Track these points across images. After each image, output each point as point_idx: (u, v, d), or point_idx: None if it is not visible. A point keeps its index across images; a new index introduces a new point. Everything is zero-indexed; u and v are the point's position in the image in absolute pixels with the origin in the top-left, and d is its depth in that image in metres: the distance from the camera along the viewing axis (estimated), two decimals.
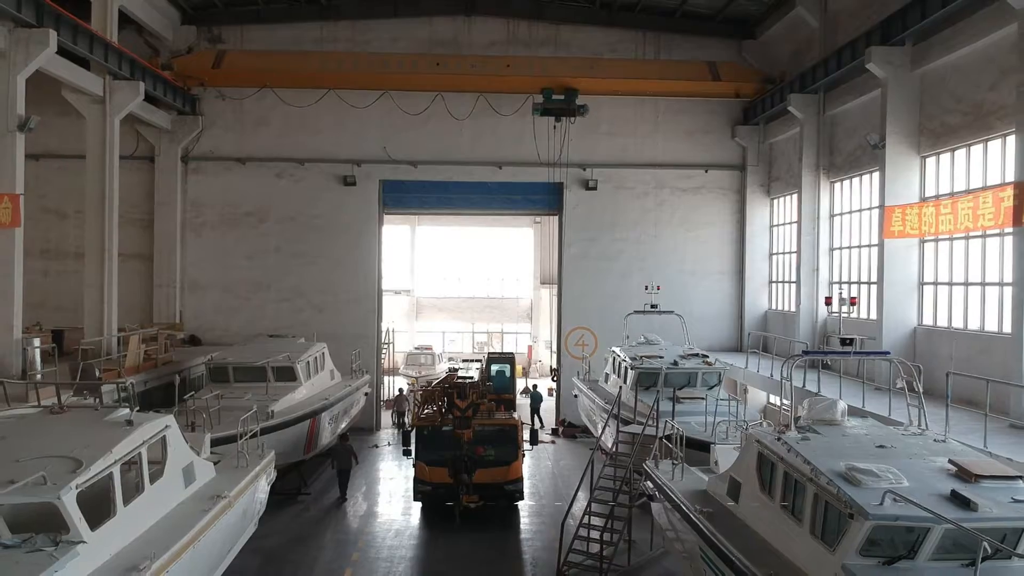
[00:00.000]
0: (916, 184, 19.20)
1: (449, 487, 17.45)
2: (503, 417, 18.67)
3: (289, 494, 19.67)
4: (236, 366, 20.26)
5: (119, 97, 23.54)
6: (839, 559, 8.33)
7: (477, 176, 28.94)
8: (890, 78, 19.18)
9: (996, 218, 15.07)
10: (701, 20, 28.66)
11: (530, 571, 15.61)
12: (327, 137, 28.48)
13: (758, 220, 28.87)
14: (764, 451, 10.53)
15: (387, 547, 16.83)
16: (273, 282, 28.91)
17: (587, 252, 29.25)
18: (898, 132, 19.21)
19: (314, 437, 20.19)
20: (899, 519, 8.03)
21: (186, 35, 28.57)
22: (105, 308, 23.42)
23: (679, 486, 13.05)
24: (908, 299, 19.30)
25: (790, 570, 9.18)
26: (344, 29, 28.75)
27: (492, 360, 25.03)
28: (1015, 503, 8.29)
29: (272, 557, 15.91)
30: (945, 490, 8.48)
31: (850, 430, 10.70)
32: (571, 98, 27.39)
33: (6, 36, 18.42)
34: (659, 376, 19.68)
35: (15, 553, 8.33)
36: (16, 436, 10.17)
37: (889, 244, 19.28)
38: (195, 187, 28.73)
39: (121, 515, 9.62)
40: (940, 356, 17.89)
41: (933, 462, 9.32)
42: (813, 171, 24.02)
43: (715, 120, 29.03)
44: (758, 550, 9.88)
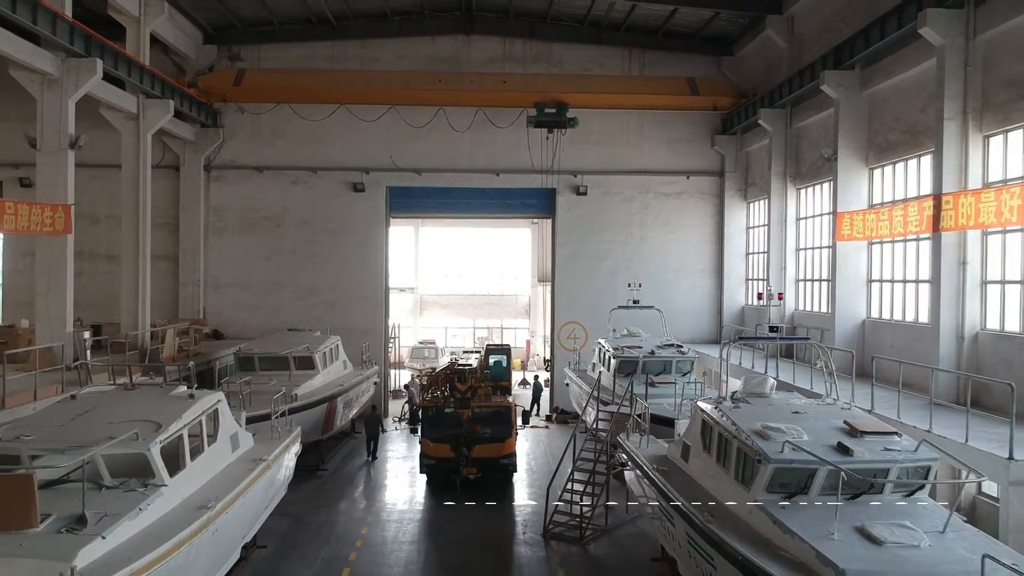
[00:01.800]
0: (865, 193, 21.62)
1: (451, 461, 19.94)
2: (499, 400, 21.16)
3: (309, 469, 22.13)
4: (262, 356, 22.76)
5: (151, 114, 26.02)
6: (752, 496, 10.80)
7: (476, 183, 31.36)
8: (841, 98, 21.59)
9: (920, 225, 17.48)
10: (683, 38, 31.04)
11: (521, 530, 18.09)
12: (338, 147, 30.92)
13: (735, 222, 31.28)
14: (705, 418, 12.99)
15: (397, 512, 19.35)
16: (289, 281, 31.38)
17: (578, 253, 31.69)
18: (849, 146, 21.63)
19: (331, 419, 22.70)
20: (793, 462, 10.50)
21: (208, 53, 31.02)
22: (140, 305, 25.95)
23: (644, 453, 15.52)
24: (858, 295, 21.73)
25: (721, 509, 11.64)
26: (353, 47, 31.20)
27: (490, 351, 27.50)
28: (885, 451, 10.75)
29: (298, 520, 18.39)
30: (834, 442, 10.94)
31: (775, 400, 13.18)
32: (562, 111, 29.82)
33: (58, 65, 20.90)
34: (638, 364, 22.16)
35: (115, 492, 10.83)
36: (103, 406, 12.66)
37: (841, 246, 21.70)
38: (217, 194, 31.21)
39: (189, 468, 12.11)
40: (884, 345, 20.37)
41: (833, 423, 11.78)
42: (781, 179, 26.44)
43: (696, 130, 31.44)
44: (699, 496, 12.33)
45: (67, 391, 16.57)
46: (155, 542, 10.06)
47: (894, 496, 10.72)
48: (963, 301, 16.67)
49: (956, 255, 16.80)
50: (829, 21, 23.73)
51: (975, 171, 16.66)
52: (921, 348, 18.27)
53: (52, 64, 20.68)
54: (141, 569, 9.51)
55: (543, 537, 17.43)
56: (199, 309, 30.79)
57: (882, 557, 9.05)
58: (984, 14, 16.32)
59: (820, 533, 9.62)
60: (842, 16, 22.75)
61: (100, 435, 11.19)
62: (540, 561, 16.27)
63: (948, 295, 16.80)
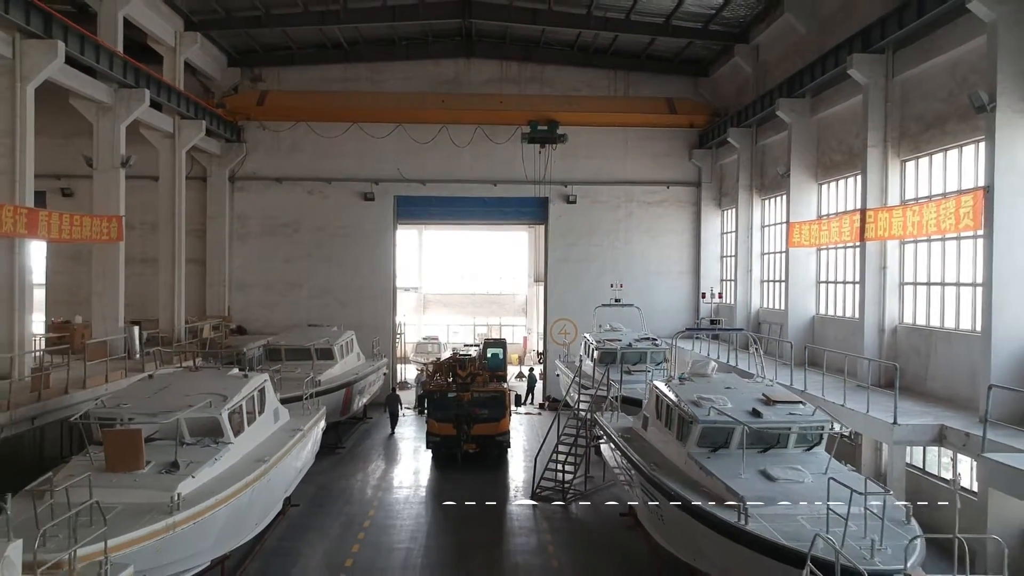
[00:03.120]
0: (814, 205, 24.73)
1: (453, 437, 23.15)
2: (495, 386, 24.34)
3: (329, 447, 25.26)
4: (287, 347, 25.92)
5: (186, 133, 29.20)
6: (687, 449, 13.97)
7: (476, 192, 34.52)
8: (794, 123, 24.73)
9: (851, 235, 20.62)
10: (663, 61, 34.18)
11: (513, 494, 21.30)
12: (350, 161, 34.09)
13: (711, 228, 34.44)
14: (658, 393, 16.17)
15: (408, 480, 22.57)
16: (305, 281, 34.56)
17: (568, 256, 34.86)
18: (800, 164, 24.77)
19: (348, 402, 25.89)
20: (716, 423, 13.67)
21: (232, 75, 34.22)
22: (176, 303, 29.16)
23: (615, 426, 18.70)
24: (808, 294, 24.87)
25: (666, 463, 14.80)
26: (364, 70, 34.38)
27: (488, 344, 30.58)
28: (789, 415, 13.93)
29: (323, 486, 21.57)
30: (750, 408, 14.11)
31: (714, 379, 16.36)
32: (554, 128, 32.95)
33: (112, 95, 24.04)
34: (616, 355, 25.32)
35: (194, 447, 14.00)
36: (177, 383, 15.88)
37: (793, 251, 24.83)
38: (240, 202, 34.40)
39: (247, 431, 15.30)
40: (829, 337, 23.51)
41: (754, 395, 14.94)
42: (747, 190, 29.57)
43: (675, 145, 34.60)
44: (651, 454, 15.51)
45: (129, 376, 19.85)
46: (229, 483, 13.26)
47: (797, 450, 13.88)
48: (884, 299, 19.81)
49: (878, 261, 19.94)
50: (787, 53, 26.85)
51: (894, 190, 19.80)
52: (855, 340, 21.34)
53: (107, 94, 23.81)
54: (222, 500, 12.71)
55: (532, 499, 20.62)
56: (224, 307, 33.95)
57: (773, 488, 12.21)
58: (901, 59, 19.44)
59: (732, 474, 12.77)
60: (797, 49, 25.85)
61: (180, 403, 14.37)
62: (528, 517, 19.45)
63: (871, 294, 19.94)
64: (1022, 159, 14.98)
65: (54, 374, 18.03)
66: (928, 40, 18.29)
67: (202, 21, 29.58)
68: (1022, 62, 14.95)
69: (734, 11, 28.27)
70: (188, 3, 28.57)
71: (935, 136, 18.43)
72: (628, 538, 17.84)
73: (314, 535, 17.80)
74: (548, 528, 18.73)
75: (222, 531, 13.10)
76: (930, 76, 18.65)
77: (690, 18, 29.36)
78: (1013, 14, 14.96)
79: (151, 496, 11.91)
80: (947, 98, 17.86)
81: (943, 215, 16.68)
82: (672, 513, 13.23)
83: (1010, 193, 14.94)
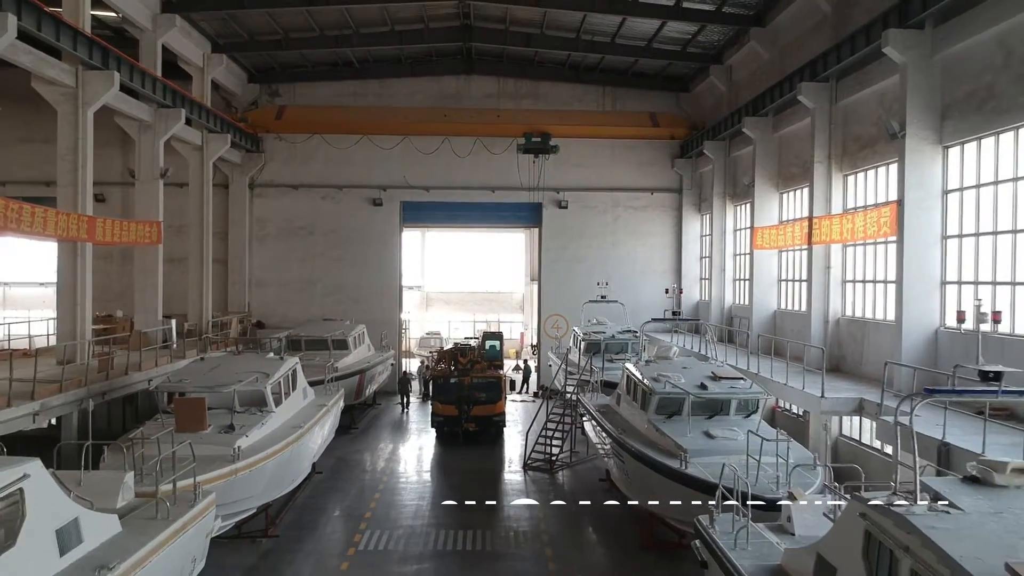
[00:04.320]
0: (776, 212, 27.80)
1: (455, 418, 26.25)
2: (492, 373, 27.43)
3: (344, 428, 28.29)
4: (306, 338, 28.99)
5: (213, 145, 32.27)
6: (647, 417, 17.06)
7: (475, 198, 37.58)
8: (758, 138, 27.81)
9: (802, 239, 23.70)
10: (648, 78, 37.26)
11: (507, 465, 24.39)
12: (360, 169, 37.16)
13: (692, 231, 37.53)
14: (628, 373, 19.26)
15: (415, 454, 25.69)
16: (319, 280, 37.64)
17: (560, 256, 37.94)
18: (763, 176, 27.84)
19: (361, 387, 28.98)
20: (670, 394, 16.77)
21: (252, 91, 37.32)
22: (203, 299, 32.24)
23: (594, 403, 21.79)
24: (770, 291, 27.96)
25: (632, 429, 17.87)
26: (373, 86, 37.47)
27: (486, 337, 33.76)
28: (730, 388, 17.01)
29: (342, 459, 24.67)
30: (699, 383, 17.19)
31: (675, 361, 19.46)
32: (547, 140, 36.02)
33: (152, 114, 27.12)
34: (601, 345, 28.39)
35: (243, 415, 17.09)
36: (225, 364, 19.02)
37: (757, 253, 27.91)
38: (259, 207, 37.48)
39: (285, 403, 18.41)
40: (787, 329, 26.56)
41: (706, 373, 18.01)
42: (721, 198, 32.66)
43: (658, 154, 37.68)
44: (621, 423, 18.59)
45: (174, 361, 22.98)
46: (273, 442, 16.37)
47: (737, 416, 16.95)
48: (828, 295, 22.90)
49: (823, 262, 23.03)
50: (754, 75, 29.93)
51: (837, 201, 22.87)
52: (806, 330, 24.44)
53: (148, 113, 26.89)
54: (270, 454, 15.82)
55: (523, 469, 23.71)
56: (245, 303, 37.03)
57: (711, 443, 15.30)
58: (843, 87, 22.52)
59: (681, 434, 15.85)
60: (762, 72, 28.91)
61: (231, 379, 17.48)
62: (519, 483, 22.54)
63: (818, 291, 23.04)
64: (926, 178, 18.07)
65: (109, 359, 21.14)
66: (862, 73, 21.37)
67: (227, 44, 32.67)
68: (927, 98, 18.04)
69: (708, 36, 31.35)
70: (215, 28, 31.63)
71: (868, 155, 21.52)
72: (603, 496, 20.89)
73: (337, 495, 20.91)
74: (536, 490, 21.84)
75: (269, 481, 16.21)
76: (864, 103, 21.73)
77: (669, 42, 32.45)
78: (920, 58, 18.05)
79: (216, 449, 14.98)
80: (876, 122, 20.91)
81: (869, 223, 19.78)
82: (633, 465, 16.34)
83: (916, 206, 18.04)
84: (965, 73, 17.33)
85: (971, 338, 16.28)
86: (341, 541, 17.51)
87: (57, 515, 8.94)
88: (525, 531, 18.30)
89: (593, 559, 16.99)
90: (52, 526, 8.80)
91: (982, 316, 14.01)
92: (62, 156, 22.51)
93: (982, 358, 12.75)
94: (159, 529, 10.59)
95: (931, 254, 18.18)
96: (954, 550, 6.42)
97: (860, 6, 21.68)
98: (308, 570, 15.84)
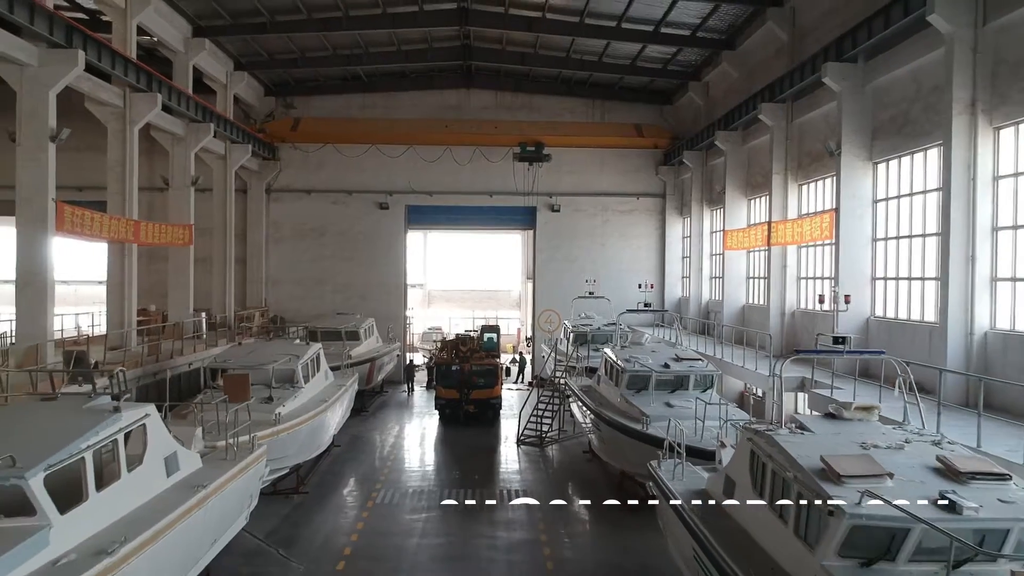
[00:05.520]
0: (744, 216, 30.94)
1: (456, 401, 29.39)
2: (489, 361, 30.57)
3: (356, 411, 31.43)
4: (322, 330, 32.07)
5: (235, 155, 35.41)
6: (619, 391, 20.18)
7: (475, 202, 40.66)
8: (728, 150, 30.95)
9: (763, 241, 26.83)
10: (633, 91, 40.40)
11: (503, 441, 27.54)
12: (368, 176, 40.27)
13: (674, 233, 40.66)
14: (606, 357, 22.39)
15: (421, 432, 28.84)
16: (329, 278, 40.74)
17: (553, 256, 41.05)
18: (733, 183, 30.98)
19: (372, 374, 32.11)
20: (638, 371, 19.86)
21: (268, 103, 40.44)
22: (226, 295, 35.37)
23: (578, 384, 24.93)
24: (739, 288, 31.11)
25: (608, 403, 20.96)
26: (380, 98, 40.58)
27: (484, 329, 36.88)
28: (689, 367, 20.11)
29: (356, 436, 27.81)
30: (664, 362, 20.29)
31: (645, 346, 22.60)
32: (540, 149, 39.15)
33: (184, 128, 30.24)
34: (588, 336, 31.54)
35: (277, 389, 20.19)
36: (260, 348, 22.23)
37: (728, 253, 31.06)
38: (275, 211, 40.61)
39: (311, 382, 21.53)
40: (754, 320, 29.70)
41: (670, 355, 21.11)
42: (699, 203, 35.81)
43: (643, 162, 40.82)
44: (599, 399, 21.70)
45: (208, 348, 26.12)
46: (305, 411, 19.53)
47: (696, 391, 20.03)
48: (784, 290, 26.05)
49: (781, 261, 26.18)
50: (727, 92, 33.05)
51: (792, 207, 26.01)
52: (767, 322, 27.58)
53: (181, 128, 30.01)
54: (303, 420, 19.01)
55: (516, 444, 26.85)
56: (262, 300, 40.13)
57: (670, 411, 18.36)
58: (797, 107, 25.66)
59: (646, 404, 18.98)
60: (734, 90, 32.00)
61: (268, 359, 20.63)
62: (512, 455, 25.67)
63: (775, 287, 26.18)
64: (859, 189, 21.22)
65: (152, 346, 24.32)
66: (812, 96, 24.52)
67: (249, 62, 35.81)
68: (859, 121, 21.19)
69: (687, 56, 34.52)
70: (238, 48, 34.75)
71: (817, 168, 24.67)
72: (587, 466, 24.08)
73: (353, 463, 24.07)
74: (527, 460, 24.98)
75: (301, 444, 19.36)
76: (814, 123, 24.88)
77: (651, 60, 35.60)
78: (854, 87, 21.21)
79: (259, 416, 18.05)
80: (823, 140, 24.03)
81: (814, 227, 22.94)
82: (608, 432, 19.49)
83: (850, 214, 21.20)
84: (889, 101, 20.50)
85: (906, 327, 19.58)
86: (360, 497, 20.67)
87: (165, 447, 12.07)
88: (516, 490, 21.46)
89: (572, 510, 20.11)
90: (161, 454, 11.92)
91: (836, 298, 17.50)
92: (111, 167, 25.64)
93: (837, 330, 16.02)
94: (230, 466, 13.71)
95: (863, 254, 21.35)
96: (794, 452, 9.56)
97: (811, 37, 24.84)
98: (334, 518, 18.97)
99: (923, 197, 19.38)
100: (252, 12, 30.88)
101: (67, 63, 20.76)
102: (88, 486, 9.69)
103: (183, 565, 11.66)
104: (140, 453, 11.31)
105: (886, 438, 10.07)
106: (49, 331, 20.88)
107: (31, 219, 20.66)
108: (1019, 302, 16.00)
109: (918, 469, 8.95)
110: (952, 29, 16.39)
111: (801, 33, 25.84)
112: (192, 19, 30.46)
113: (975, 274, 16.32)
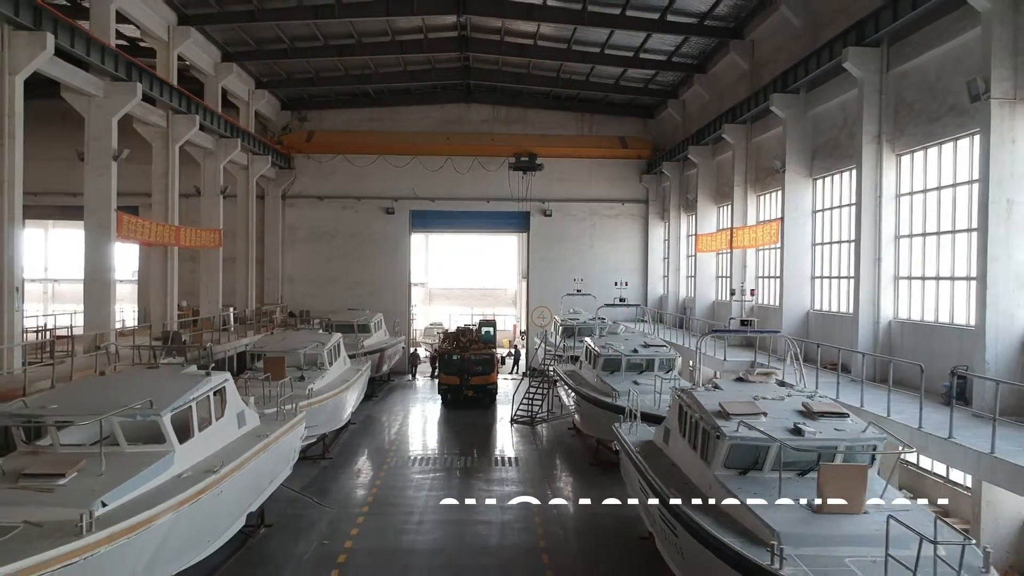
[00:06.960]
0: (714, 222, 34.65)
1: (457, 386, 33.13)
2: (487, 350, 34.30)
3: (368, 396, 35.08)
4: (337, 323, 35.73)
5: (256, 165, 39.09)
6: (595, 372, 23.90)
7: (473, 207, 44.38)
8: (700, 163, 34.68)
9: (727, 245, 30.55)
10: (618, 106, 44.12)
11: (499, 421, 31.27)
12: (376, 183, 43.95)
13: (656, 236, 44.40)
14: (586, 345, 26.11)
15: (425, 413, 32.57)
16: (340, 277, 44.44)
17: (546, 257, 44.77)
18: (705, 192, 34.71)
19: (382, 363, 35.82)
20: (610, 356, 23.59)
21: (284, 116, 44.13)
22: (248, 293, 39.08)
23: (563, 370, 28.65)
24: (710, 286, 34.85)
25: (586, 382, 24.66)
26: (387, 112, 44.27)
27: (482, 324, 40.61)
28: (653, 351, 23.84)
29: (368, 417, 31.49)
30: (633, 348, 24.00)
31: (619, 335, 26.32)
32: (533, 159, 42.81)
33: (214, 142, 33.91)
34: (575, 329, 35.28)
35: (308, 371, 23.92)
36: (290, 337, 26.03)
37: (700, 255, 34.79)
38: (290, 216, 44.30)
39: (334, 365, 25.25)
40: (722, 316, 33.41)
41: (639, 342, 24.83)
42: (677, 209, 39.55)
43: (628, 171, 44.54)
44: (580, 380, 25.41)
45: (240, 339, 29.84)
46: (331, 388, 23.25)
47: (660, 372, 23.74)
48: (744, 287, 29.79)
49: (741, 261, 29.92)
50: (700, 109, 36.77)
51: (752, 215, 29.73)
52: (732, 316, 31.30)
53: (210, 142, 33.69)
54: (331, 396, 22.75)
55: (510, 423, 30.56)
56: (278, 297, 43.83)
57: (635, 387, 22.03)
58: (755, 128, 29.37)
59: (617, 382, 22.68)
60: (706, 109, 35.71)
61: (298, 345, 24.37)
62: (506, 432, 29.39)
63: (737, 285, 29.91)
64: (801, 201, 24.93)
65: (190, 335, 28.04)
66: (765, 119, 28.21)
67: (268, 81, 39.50)
68: (802, 143, 24.91)
69: (664, 77, 38.25)
70: (260, 69, 38.43)
71: (771, 182, 28.39)
72: (571, 441, 27.78)
73: (368, 437, 27.80)
74: (519, 435, 28.71)
75: (329, 415, 23.08)
76: (768, 143, 28.60)
77: (633, 80, 39.34)
78: (797, 115, 24.93)
79: (296, 391, 21.78)
80: (775, 158, 27.74)
81: (766, 233, 26.69)
82: (586, 407, 23.22)
83: (793, 223, 24.91)
84: (824, 127, 24.23)
85: (836, 317, 23.28)
86: (376, 462, 24.39)
87: (237, 404, 15.76)
88: (509, 457, 25.19)
89: (555, 472, 23.82)
90: (235, 410, 15.61)
91: (743, 291, 21.30)
92: (156, 180, 29.36)
93: (745, 316, 19.90)
94: (280, 424, 17.41)
95: (804, 256, 25.05)
96: (704, 401, 13.32)
97: (766, 68, 28.52)
98: (356, 478, 22.67)
99: (850, 210, 23.10)
100: (275, 39, 34.55)
101: (128, 94, 24.47)
102: (194, 427, 13.38)
103: (254, 492, 15.37)
104: (222, 408, 15.01)
105: (775, 392, 13.81)
106: (112, 320, 24.59)
107: (96, 226, 24.38)
108: (915, 296, 19.72)
109: (787, 411, 12.69)
110: (862, 74, 20.12)
111: (759, 63, 29.55)
112: (222, 46, 34.12)
113: (881, 273, 20.04)
